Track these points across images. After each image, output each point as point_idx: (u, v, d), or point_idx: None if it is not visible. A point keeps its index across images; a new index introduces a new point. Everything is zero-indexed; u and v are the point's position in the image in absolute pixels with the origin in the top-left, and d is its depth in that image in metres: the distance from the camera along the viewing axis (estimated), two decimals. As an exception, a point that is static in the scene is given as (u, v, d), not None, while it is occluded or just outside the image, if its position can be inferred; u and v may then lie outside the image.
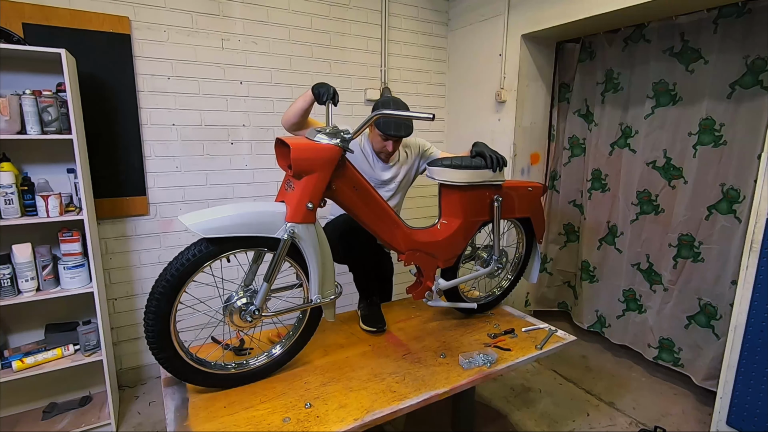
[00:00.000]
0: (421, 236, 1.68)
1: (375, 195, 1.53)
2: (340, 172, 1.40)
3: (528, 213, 1.93)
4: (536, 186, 1.94)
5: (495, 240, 1.86)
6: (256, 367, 1.46)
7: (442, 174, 1.67)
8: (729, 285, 2.21)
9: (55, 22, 2.05)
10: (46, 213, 1.88)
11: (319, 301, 1.43)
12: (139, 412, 2.27)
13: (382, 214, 1.56)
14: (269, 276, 1.34)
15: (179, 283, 1.23)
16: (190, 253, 1.24)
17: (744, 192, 2.15)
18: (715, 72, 2.19)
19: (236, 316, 1.35)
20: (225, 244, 1.27)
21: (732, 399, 1.84)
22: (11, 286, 1.86)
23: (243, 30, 2.52)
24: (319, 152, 1.30)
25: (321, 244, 1.39)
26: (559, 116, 3.05)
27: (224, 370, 1.41)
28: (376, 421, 1.30)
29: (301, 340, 1.55)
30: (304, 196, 1.30)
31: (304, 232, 1.33)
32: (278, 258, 1.32)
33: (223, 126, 2.54)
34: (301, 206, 1.30)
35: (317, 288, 1.42)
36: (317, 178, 1.31)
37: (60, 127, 1.89)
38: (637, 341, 2.71)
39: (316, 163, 1.30)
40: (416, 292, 1.74)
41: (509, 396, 2.41)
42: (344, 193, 1.45)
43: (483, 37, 2.98)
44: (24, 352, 1.97)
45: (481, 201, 1.76)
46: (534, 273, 2.11)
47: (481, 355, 1.61)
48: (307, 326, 1.53)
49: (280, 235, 1.31)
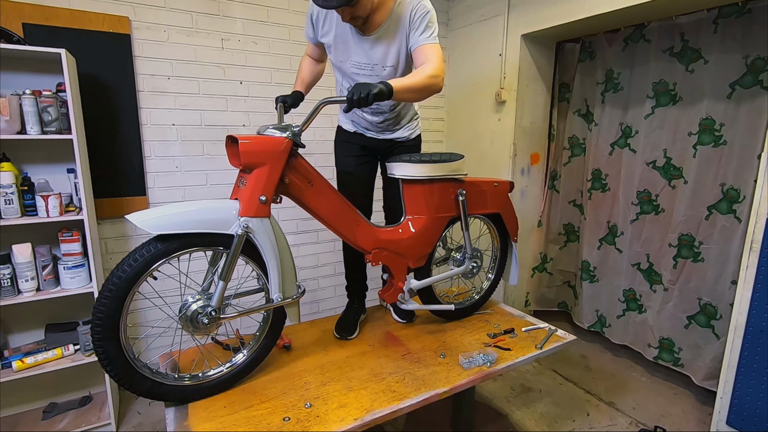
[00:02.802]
0: (385, 234, 1.65)
1: (333, 191, 1.52)
2: (292, 166, 1.40)
3: (497, 208, 1.91)
4: (503, 182, 1.92)
5: (465, 236, 1.84)
6: (215, 378, 1.38)
7: (400, 169, 1.67)
8: (729, 285, 2.21)
9: (55, 22, 2.05)
10: (46, 213, 1.88)
11: (280, 301, 1.40)
12: (139, 412, 2.28)
13: (342, 211, 1.54)
14: (224, 273, 1.29)
15: (128, 285, 1.18)
16: (137, 253, 1.20)
17: (744, 192, 2.15)
18: (715, 72, 2.19)
19: (192, 319, 1.30)
20: (177, 242, 1.23)
21: (732, 399, 1.84)
22: (11, 286, 1.86)
23: (243, 30, 2.52)
24: (269, 144, 1.30)
25: (278, 239, 1.36)
26: (559, 116, 3.05)
27: (177, 382, 1.33)
28: (376, 421, 1.30)
29: (266, 346, 1.49)
30: (257, 189, 1.29)
31: (259, 227, 1.31)
32: (233, 254, 1.29)
33: (223, 126, 2.54)
34: (253, 200, 1.29)
35: (277, 287, 1.38)
36: (268, 170, 1.30)
37: (60, 127, 1.89)
38: (637, 341, 2.71)
39: (266, 155, 1.29)
40: (388, 294, 1.72)
41: (509, 396, 2.41)
42: (299, 188, 1.43)
43: (483, 37, 2.98)
44: (24, 352, 1.97)
45: (445, 195, 1.74)
46: (513, 274, 2.05)
47: (481, 355, 1.61)
48: (271, 329, 1.48)
49: (234, 231, 1.28)
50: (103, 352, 1.19)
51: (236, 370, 1.43)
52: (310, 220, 2.85)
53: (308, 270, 2.95)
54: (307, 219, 2.83)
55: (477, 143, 3.11)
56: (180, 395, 1.34)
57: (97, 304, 1.17)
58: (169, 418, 1.28)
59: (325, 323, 1.95)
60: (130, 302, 1.22)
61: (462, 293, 2.17)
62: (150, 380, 1.28)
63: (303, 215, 2.83)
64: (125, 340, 1.23)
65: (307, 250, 2.93)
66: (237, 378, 1.44)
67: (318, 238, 2.93)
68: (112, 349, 1.20)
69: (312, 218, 1.55)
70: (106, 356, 1.20)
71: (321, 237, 2.94)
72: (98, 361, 1.24)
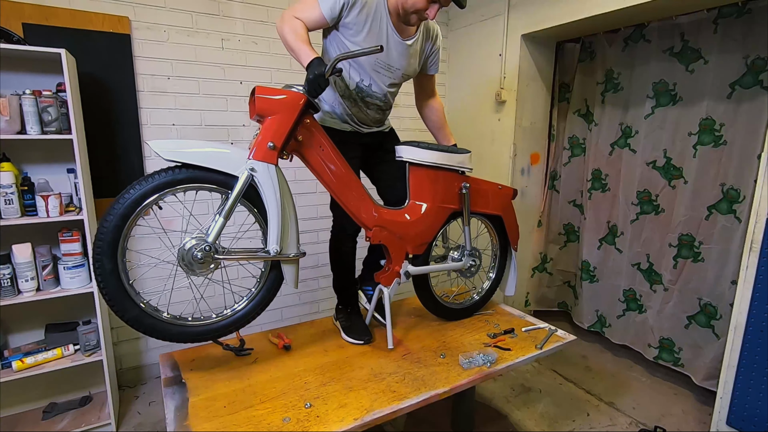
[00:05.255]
0: (388, 214, 1.66)
1: (343, 161, 1.53)
2: (306, 126, 1.43)
3: (499, 210, 1.92)
4: (507, 187, 1.95)
5: (464, 231, 1.85)
6: (216, 321, 1.43)
7: (409, 152, 1.69)
8: (729, 285, 2.21)
9: (55, 22, 2.05)
10: (46, 213, 1.88)
11: (277, 253, 1.40)
12: (139, 412, 2.28)
13: (350, 182, 1.55)
14: (225, 211, 1.32)
15: (133, 204, 1.24)
16: (148, 177, 1.26)
17: (744, 192, 2.15)
18: (715, 72, 2.19)
19: (188, 255, 1.32)
20: (186, 174, 1.29)
21: (732, 399, 1.84)
22: (11, 286, 1.86)
23: (243, 30, 2.52)
24: (282, 94, 1.34)
25: (283, 192, 1.38)
26: (559, 116, 3.05)
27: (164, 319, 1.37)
28: (376, 421, 1.30)
29: (263, 299, 1.50)
30: (266, 135, 1.33)
31: (264, 171, 1.33)
32: (236, 193, 1.31)
33: (223, 126, 2.54)
34: (262, 144, 1.33)
35: (276, 239, 1.38)
36: (279, 119, 1.33)
37: (60, 127, 1.89)
38: (637, 341, 2.71)
39: (278, 104, 1.33)
40: (384, 277, 1.72)
41: (509, 396, 2.41)
42: (309, 149, 1.46)
43: (483, 37, 2.98)
44: (24, 352, 1.97)
45: (449, 186, 1.76)
46: (510, 284, 2.03)
47: (481, 355, 1.61)
48: (265, 288, 1.49)
49: (240, 172, 1.32)
50: (99, 267, 1.24)
51: (223, 323, 1.45)
52: (310, 221, 2.85)
53: (308, 270, 2.95)
54: (307, 219, 2.82)
55: (477, 143, 3.11)
56: (163, 333, 1.36)
57: (101, 220, 1.23)
58: (169, 418, 1.28)
59: (325, 323, 1.95)
60: (133, 224, 1.27)
61: (462, 293, 2.17)
62: (138, 308, 1.32)
63: (302, 216, 2.83)
64: (122, 261, 1.28)
65: (306, 249, 2.91)
66: (220, 332, 1.45)
67: (318, 238, 2.93)
68: (108, 264, 1.24)
69: (312, 218, 1.55)
70: (101, 272, 1.24)
71: (321, 237, 2.94)
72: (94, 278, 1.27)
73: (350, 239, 1.79)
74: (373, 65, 1.61)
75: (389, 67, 1.63)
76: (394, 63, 1.63)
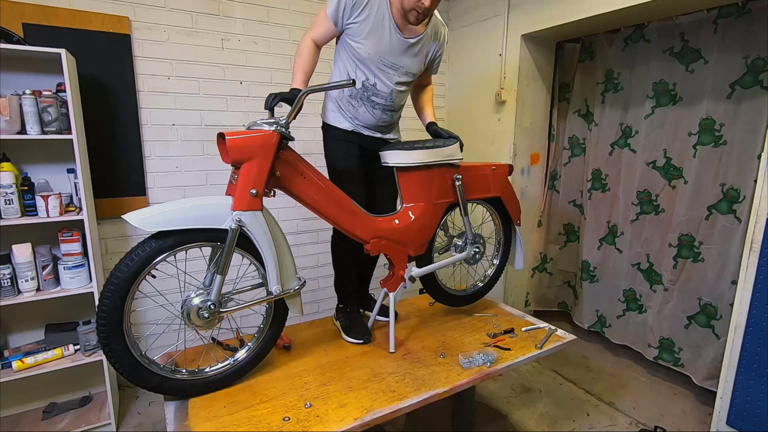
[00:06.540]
0: (383, 224, 1.65)
1: (327, 182, 1.52)
2: (283, 159, 1.41)
3: (498, 192, 1.90)
4: (501, 165, 1.91)
5: (464, 221, 1.84)
6: (213, 375, 1.40)
7: (394, 157, 1.67)
8: (729, 285, 2.21)
9: (55, 22, 2.05)
10: (46, 213, 1.88)
11: (279, 293, 1.40)
12: (139, 412, 2.28)
13: (338, 201, 1.54)
14: (220, 267, 1.32)
15: (127, 284, 1.21)
16: (134, 253, 1.22)
17: (744, 192, 2.15)
18: (715, 72, 2.19)
19: (193, 314, 1.32)
20: (172, 239, 1.26)
21: (732, 399, 1.84)
22: (11, 286, 1.86)
23: (243, 30, 2.52)
24: (255, 138, 1.32)
25: (273, 232, 1.38)
26: (559, 116, 3.05)
27: (185, 377, 1.36)
28: (376, 421, 1.30)
29: (268, 341, 1.50)
30: (247, 183, 1.31)
31: (252, 220, 1.33)
32: (227, 248, 1.30)
33: (223, 126, 2.54)
34: (244, 194, 1.31)
35: (275, 279, 1.39)
36: (257, 164, 1.32)
37: (60, 127, 1.89)
38: (637, 341, 2.71)
39: (254, 149, 1.30)
40: (390, 283, 1.71)
41: (509, 396, 2.41)
42: (291, 181, 1.44)
43: (483, 37, 2.98)
44: (24, 352, 1.97)
45: (442, 181, 1.74)
46: (518, 258, 2.04)
47: (480, 355, 1.61)
48: (273, 323, 1.49)
49: (227, 226, 1.30)
50: (109, 350, 1.23)
51: (241, 364, 1.46)
52: (310, 220, 2.85)
53: (308, 270, 2.95)
54: (307, 219, 2.83)
55: (477, 143, 3.11)
56: (189, 390, 1.37)
57: (99, 304, 1.22)
58: (169, 418, 1.28)
59: (325, 323, 1.95)
60: (132, 300, 1.25)
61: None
62: (159, 376, 1.31)
63: (303, 215, 2.83)
64: (130, 338, 1.27)
65: (307, 250, 2.93)
66: (243, 371, 1.46)
67: (318, 238, 2.93)
68: (117, 347, 1.24)
69: (312, 218, 1.55)
70: (112, 354, 1.24)
71: (321, 237, 2.94)
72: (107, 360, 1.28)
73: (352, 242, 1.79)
74: (378, 64, 1.62)
75: (394, 65, 1.65)
76: (398, 61, 1.65)
